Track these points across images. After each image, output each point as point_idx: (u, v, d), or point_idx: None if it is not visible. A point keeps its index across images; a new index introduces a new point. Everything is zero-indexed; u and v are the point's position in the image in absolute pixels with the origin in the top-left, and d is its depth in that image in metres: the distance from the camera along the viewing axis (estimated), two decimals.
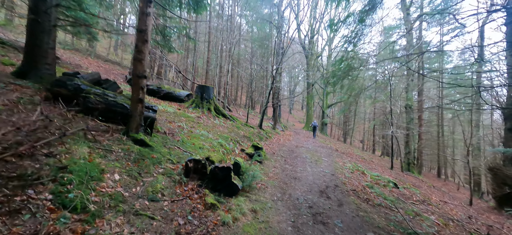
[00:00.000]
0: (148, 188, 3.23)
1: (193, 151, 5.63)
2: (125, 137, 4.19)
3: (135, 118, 4.33)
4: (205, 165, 4.23)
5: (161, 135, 5.69)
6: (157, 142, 4.96)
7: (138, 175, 3.39)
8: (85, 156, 3.07)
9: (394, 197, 6.95)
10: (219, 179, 4.14)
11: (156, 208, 2.97)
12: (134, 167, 3.53)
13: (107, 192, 2.75)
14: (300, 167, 8.16)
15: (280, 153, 9.97)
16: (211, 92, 11.47)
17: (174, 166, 4.27)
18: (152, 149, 4.37)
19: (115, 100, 4.69)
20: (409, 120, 15.95)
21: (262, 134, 12.12)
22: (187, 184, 3.91)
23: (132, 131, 4.31)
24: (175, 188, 3.65)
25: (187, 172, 4.12)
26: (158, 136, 5.40)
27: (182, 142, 5.83)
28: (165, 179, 3.73)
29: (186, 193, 3.66)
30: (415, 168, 16.18)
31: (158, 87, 11.41)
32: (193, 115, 9.94)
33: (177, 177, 3.94)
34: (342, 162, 10.49)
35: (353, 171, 8.97)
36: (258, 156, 7.69)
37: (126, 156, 3.68)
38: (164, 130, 6.19)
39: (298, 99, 55.10)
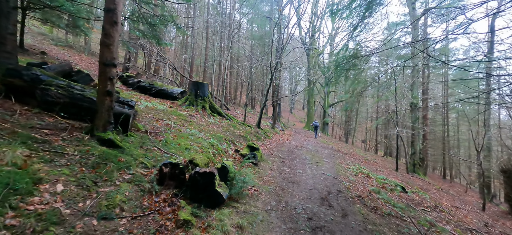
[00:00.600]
0: (102, 202, 2.52)
1: (176, 152, 4.92)
2: (87, 136, 3.49)
3: (102, 114, 3.62)
4: (184, 169, 3.52)
5: (141, 134, 4.99)
6: (133, 142, 4.26)
7: (92, 184, 2.69)
8: (18, 161, 2.36)
9: (404, 204, 6.20)
10: (200, 186, 3.43)
11: (107, 230, 2.26)
12: (90, 174, 2.83)
13: (36, 209, 2.04)
14: (299, 169, 7.43)
15: (278, 153, 9.24)
16: (206, 89, 10.77)
17: (147, 171, 3.57)
18: (123, 150, 3.66)
19: (82, 94, 4.00)
20: (415, 119, 15.15)
21: (260, 134, 11.40)
22: (160, 194, 3.20)
23: (99, 129, 3.61)
24: (142, 200, 2.94)
25: (162, 178, 3.41)
26: (136, 135, 4.70)
27: (165, 142, 5.13)
28: (132, 188, 3.02)
29: (155, 205, 2.95)
30: (420, 169, 15.37)
31: (150, 84, 10.73)
32: (186, 114, 9.24)
33: (148, 185, 3.23)
34: (345, 163, 9.74)
35: (357, 174, 8.22)
36: (253, 158, 6.97)
37: (83, 160, 2.98)
38: (147, 129, 5.49)
39: (299, 99, 54.32)
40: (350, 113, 31.10)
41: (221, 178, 4.05)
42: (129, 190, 2.93)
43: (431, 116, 23.62)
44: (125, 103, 4.37)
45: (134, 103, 4.49)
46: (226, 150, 7.24)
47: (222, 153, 6.80)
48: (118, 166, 3.24)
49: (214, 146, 6.69)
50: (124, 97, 4.60)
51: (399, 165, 15.78)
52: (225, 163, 4.25)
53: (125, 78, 10.97)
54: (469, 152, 26.37)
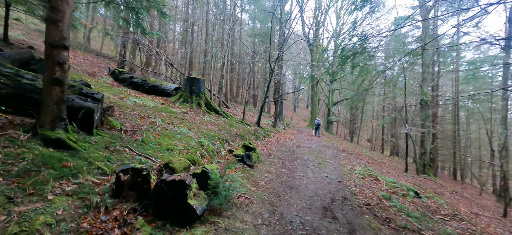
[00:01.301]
0: (12, 227, 1.77)
1: (154, 153, 4.17)
2: (27, 135, 2.76)
3: (49, 107, 2.89)
4: (148, 177, 2.76)
5: (114, 132, 4.26)
6: (97, 142, 3.53)
7: (5, 201, 1.94)
8: None
9: (419, 212, 5.34)
10: (167, 199, 2.67)
11: None
12: (8, 186, 2.09)
13: None
14: (299, 172, 6.62)
15: (277, 154, 8.43)
16: (201, 85, 10.02)
17: (103, 179, 2.82)
18: (76, 153, 2.92)
19: (33, 84, 3.28)
20: (425, 116, 14.14)
21: (259, 132, 10.61)
22: (112, 210, 2.44)
23: (45, 126, 2.88)
24: (82, 220, 2.19)
25: (118, 189, 2.66)
26: (106, 134, 3.97)
27: (142, 142, 4.38)
28: (71, 203, 2.28)
29: (100, 227, 2.19)
30: (431, 170, 14.35)
31: (142, 80, 10.04)
32: (178, 111, 8.52)
33: (97, 198, 2.48)
34: (351, 164, 8.88)
35: (365, 176, 7.36)
36: (248, 159, 6.19)
37: (7, 167, 2.24)
38: (124, 127, 4.77)
39: (303, 98, 53.34)
40: (355, 111, 30.05)
41: (201, 186, 3.29)
42: (65, 207, 2.19)
43: (440, 115, 22.44)
44: (89, 96, 3.64)
45: (101, 96, 3.75)
46: (218, 150, 6.48)
47: (213, 153, 6.04)
48: (60, 173, 2.50)
49: (204, 146, 5.93)
50: (90, 89, 3.86)
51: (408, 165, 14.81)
52: (207, 167, 3.48)
53: (117, 74, 10.31)
54: (480, 152, 25.09)
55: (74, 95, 3.53)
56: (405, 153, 11.91)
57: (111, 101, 6.64)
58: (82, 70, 9.72)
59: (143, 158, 3.80)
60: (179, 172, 3.56)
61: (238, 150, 6.76)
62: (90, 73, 9.76)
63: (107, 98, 6.92)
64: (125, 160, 3.48)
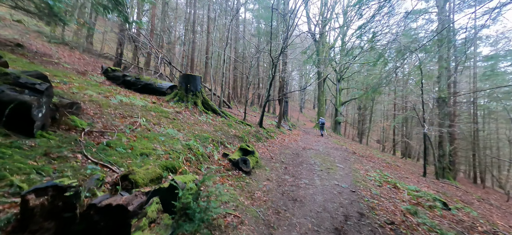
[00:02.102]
0: None
1: (120, 160, 3.27)
2: None
3: None
4: (73, 199, 1.83)
5: (72, 134, 3.39)
6: (32, 147, 2.65)
7: None
8: None
9: (455, 232, 4.24)
10: (99, 233, 1.75)
11: None
12: None
13: None
14: (305, 179, 5.60)
15: (280, 157, 7.43)
16: (198, 83, 9.15)
17: (12, 203, 1.92)
18: None
19: None
20: (443, 115, 12.84)
21: (261, 134, 9.62)
22: None
23: None
24: None
25: (26, 218, 1.75)
26: (56, 136, 3.09)
27: (107, 145, 3.49)
28: None
29: None
30: (450, 173, 13.00)
31: (136, 78, 9.25)
32: (171, 110, 7.65)
33: None
34: (363, 169, 7.77)
35: (381, 184, 6.26)
36: (244, 164, 5.23)
37: None
38: (90, 127, 3.89)
39: (310, 98, 52.04)
40: (363, 112, 28.65)
41: (167, 206, 2.35)
42: None
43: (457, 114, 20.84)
44: (28, 87, 2.77)
45: (45, 87, 2.88)
46: (210, 154, 5.54)
47: (203, 158, 5.11)
48: None
49: (193, 150, 5.01)
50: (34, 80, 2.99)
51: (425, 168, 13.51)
52: (176, 180, 2.53)
53: (109, 72, 9.57)
54: (498, 153, 23.28)
55: (6, 85, 2.66)
56: (424, 155, 10.66)
57: (93, 99, 5.82)
58: (71, 69, 9.02)
59: (100, 166, 2.90)
60: (142, 185, 2.63)
61: (233, 154, 5.81)
62: (80, 72, 9.06)
63: (90, 97, 6.11)
64: (69, 170, 2.58)
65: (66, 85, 6.67)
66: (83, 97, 5.75)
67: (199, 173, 4.47)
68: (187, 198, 2.33)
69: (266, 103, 10.60)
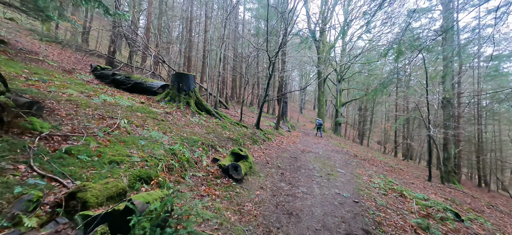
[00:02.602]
0: None
1: (78, 171, 2.71)
2: None
3: None
4: None
5: (23, 138, 2.83)
6: None
7: None
8: None
9: None
10: None
11: None
12: None
13: None
14: (303, 187, 5.03)
15: (277, 161, 6.85)
16: (191, 82, 8.59)
17: None
18: None
19: None
20: (448, 117, 12.23)
21: (258, 136, 9.05)
22: None
23: None
24: None
25: None
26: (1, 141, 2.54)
27: (65, 152, 2.94)
28: None
29: None
30: (455, 177, 12.39)
31: (126, 77, 8.71)
32: (160, 111, 7.09)
33: None
34: (366, 174, 7.18)
35: (387, 192, 5.67)
36: (235, 171, 4.66)
37: None
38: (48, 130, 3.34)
39: (310, 99, 51.45)
40: (364, 113, 28.05)
41: None
42: None
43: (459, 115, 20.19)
44: None
45: None
46: (199, 160, 4.98)
47: (189, 164, 4.55)
48: None
49: (177, 155, 4.44)
50: None
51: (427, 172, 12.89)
52: (133, 201, 1.97)
53: (98, 71, 9.04)
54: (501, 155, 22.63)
55: None
56: (428, 158, 10.07)
57: (71, 99, 5.28)
58: (58, 67, 8.48)
59: (47, 180, 2.34)
60: (94, 206, 2.07)
61: (224, 159, 5.24)
62: (67, 70, 8.52)
63: (69, 96, 5.57)
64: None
65: (45, 83, 6.13)
66: (60, 97, 5.21)
67: (182, 182, 3.92)
68: (142, 227, 1.76)
69: (263, 104, 10.04)
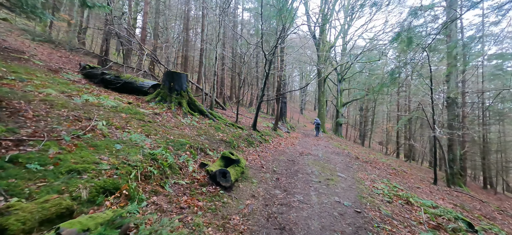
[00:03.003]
0: None
1: (23, 183, 2.24)
2: None
3: None
4: None
5: None
6: None
7: None
8: None
9: None
10: None
11: None
12: None
13: None
14: (299, 195, 4.53)
15: (272, 165, 6.36)
16: (183, 81, 8.12)
17: None
18: None
19: None
20: (453, 116, 11.67)
21: (254, 137, 8.56)
22: None
23: None
24: None
25: None
26: None
27: (10, 160, 2.46)
28: None
29: None
30: (461, 179, 11.83)
31: (115, 77, 8.26)
32: (148, 112, 6.62)
33: None
34: (369, 178, 6.66)
35: (391, 199, 5.15)
36: (223, 177, 4.17)
37: None
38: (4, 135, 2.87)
39: (310, 99, 50.90)
40: (365, 113, 27.49)
41: None
42: None
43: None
44: None
45: None
46: (184, 165, 4.49)
47: (172, 170, 4.06)
48: None
49: (158, 160, 3.96)
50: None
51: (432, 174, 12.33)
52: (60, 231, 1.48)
53: (87, 70, 8.60)
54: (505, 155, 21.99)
55: None
56: (434, 161, 9.54)
57: (47, 99, 4.83)
58: (43, 66, 8.04)
59: None
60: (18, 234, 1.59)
61: (213, 164, 4.76)
62: (53, 69, 8.07)
63: (46, 95, 5.12)
64: None
65: (23, 83, 5.68)
66: (34, 97, 4.75)
67: (160, 192, 3.43)
68: None
69: (260, 104, 9.54)
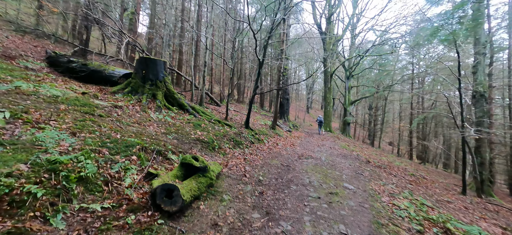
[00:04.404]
0: None
1: None
2: None
3: None
4: None
5: None
6: None
7: None
8: None
9: None
10: None
11: None
12: None
13: None
14: (286, 221, 3.00)
15: (260, 172, 4.84)
16: (159, 69, 6.72)
17: None
18: None
19: None
20: (481, 113, 9.79)
21: (244, 137, 7.06)
22: None
23: None
24: None
25: None
26: None
27: None
28: None
29: None
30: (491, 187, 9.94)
31: (82, 65, 6.97)
32: (106, 105, 5.25)
33: None
34: (385, 191, 5.03)
35: (422, 226, 3.52)
36: (168, 198, 2.70)
37: None
38: None
39: (317, 98, 48.89)
40: (375, 112, 25.49)
41: None
42: None
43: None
44: None
45: None
46: (119, 176, 3.06)
47: (85, 187, 2.64)
48: None
49: (61, 172, 2.53)
50: None
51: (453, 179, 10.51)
52: None
53: (53, 58, 7.36)
54: None
55: None
56: (463, 167, 7.76)
57: None
58: None
59: None
60: None
61: (166, 174, 3.30)
62: (10, 56, 6.87)
63: None
64: None
65: None
66: None
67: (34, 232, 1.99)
68: None
69: (253, 97, 8.03)
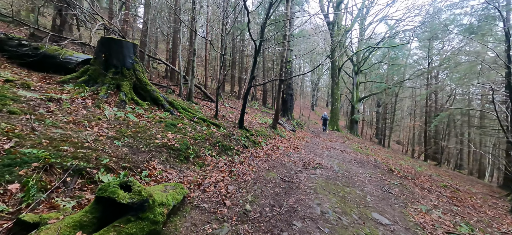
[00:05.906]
0: None
1: None
2: None
3: None
4: None
5: None
6: None
7: None
8: None
9: None
10: None
11: None
12: None
13: None
14: None
15: (249, 194, 3.23)
16: (127, 54, 5.19)
17: None
18: None
19: None
20: None
21: (235, 139, 5.47)
22: None
23: None
24: None
25: None
26: None
27: None
28: None
29: None
30: None
31: (34, 49, 5.51)
32: (37, 97, 3.73)
33: None
34: (437, 227, 3.38)
35: None
36: None
37: None
38: None
39: (323, 96, 46.87)
40: (385, 109, 23.58)
41: None
42: None
43: None
44: None
45: None
46: None
47: None
48: None
49: None
50: None
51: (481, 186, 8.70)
52: None
53: (3, 41, 5.93)
54: None
55: None
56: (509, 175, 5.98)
57: None
58: None
59: None
60: None
61: (63, 221, 1.74)
62: None
63: None
64: None
65: None
66: None
67: None
68: None
69: (248, 91, 6.43)
